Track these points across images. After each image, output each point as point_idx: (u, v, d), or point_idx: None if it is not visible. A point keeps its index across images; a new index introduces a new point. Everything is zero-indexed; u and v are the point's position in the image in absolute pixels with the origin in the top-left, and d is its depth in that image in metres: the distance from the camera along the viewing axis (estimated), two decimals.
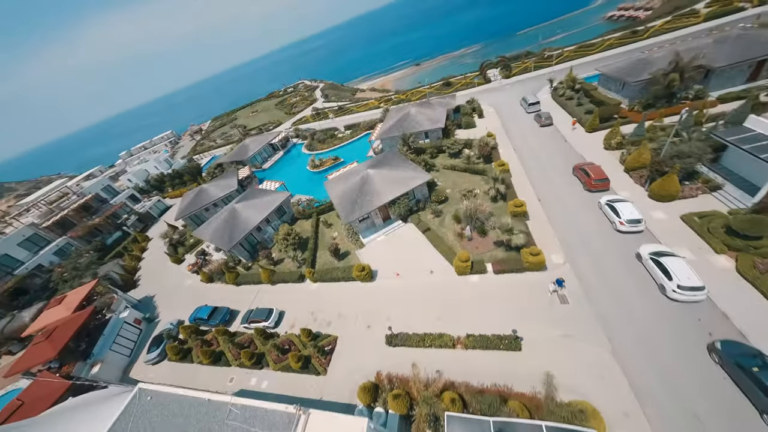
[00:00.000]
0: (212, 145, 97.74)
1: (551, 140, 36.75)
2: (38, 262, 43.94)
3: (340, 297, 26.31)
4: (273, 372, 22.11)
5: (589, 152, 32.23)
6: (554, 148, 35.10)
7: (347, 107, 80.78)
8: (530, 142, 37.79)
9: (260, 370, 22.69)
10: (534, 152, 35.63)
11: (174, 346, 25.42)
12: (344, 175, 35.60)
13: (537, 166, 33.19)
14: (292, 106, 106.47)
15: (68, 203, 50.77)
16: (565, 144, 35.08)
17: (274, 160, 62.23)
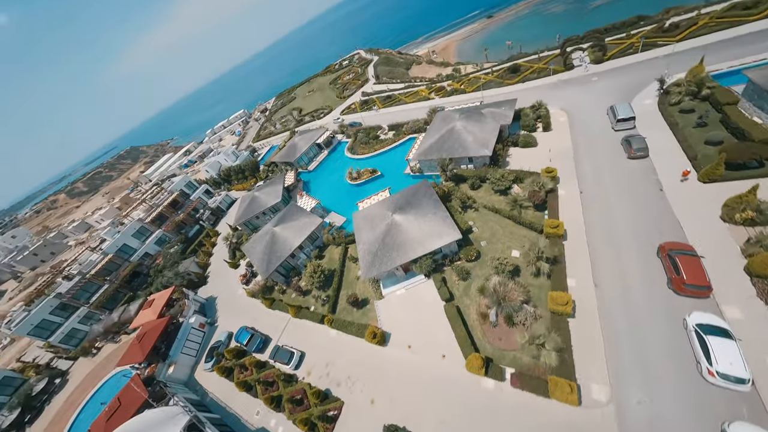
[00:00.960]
0: (272, 131, 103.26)
1: (640, 186, 26.86)
2: (145, 251, 55.85)
3: (353, 353, 26.79)
4: (288, 420, 24.92)
5: (693, 220, 22.50)
6: (640, 202, 25.64)
7: (396, 95, 74.16)
8: (606, 183, 28.65)
9: (279, 413, 25.77)
10: (608, 203, 26.94)
11: (220, 366, 30.54)
12: (371, 214, 33.60)
13: (606, 230, 25.13)
14: (343, 88, 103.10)
15: (162, 199, 61.58)
16: (660, 196, 25.24)
17: (319, 161, 62.88)
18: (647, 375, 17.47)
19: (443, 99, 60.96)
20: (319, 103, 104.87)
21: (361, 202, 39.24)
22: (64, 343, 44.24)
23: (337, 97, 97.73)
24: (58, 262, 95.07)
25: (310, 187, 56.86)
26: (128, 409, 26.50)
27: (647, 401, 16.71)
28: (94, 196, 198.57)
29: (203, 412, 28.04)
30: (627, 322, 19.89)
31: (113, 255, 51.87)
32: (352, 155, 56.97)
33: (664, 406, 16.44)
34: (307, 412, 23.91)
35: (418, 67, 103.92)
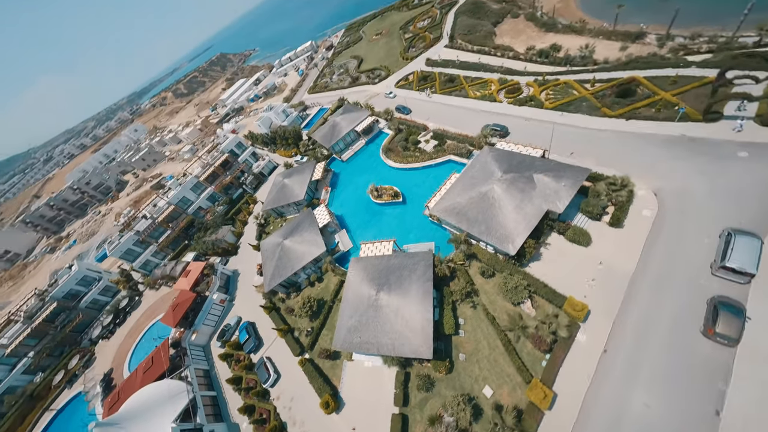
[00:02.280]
0: (328, 84, 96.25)
1: (692, 388, 19.09)
2: (199, 205, 64.20)
3: (309, 404, 29.38)
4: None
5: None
6: (681, 412, 18.59)
7: (459, 79, 59.82)
8: (648, 356, 20.81)
9: (247, 421, 31.55)
10: (630, 389, 20.11)
11: (222, 355, 37.29)
12: (362, 276, 31.77)
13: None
14: (410, 43, 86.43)
15: (215, 158, 66.68)
16: (712, 421, 17.83)
17: (355, 150, 58.52)
18: None
19: (511, 108, 47.36)
20: (380, 58, 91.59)
21: (364, 243, 37.07)
22: (143, 269, 57.75)
23: (400, 56, 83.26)
24: (156, 174, 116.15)
25: (337, 183, 54.99)
26: (155, 370, 35.29)
27: None
28: (188, 106, 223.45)
29: (206, 385, 35.95)
30: None
31: (175, 206, 61.06)
32: (385, 158, 51.33)
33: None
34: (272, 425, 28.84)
35: (510, 24, 79.60)
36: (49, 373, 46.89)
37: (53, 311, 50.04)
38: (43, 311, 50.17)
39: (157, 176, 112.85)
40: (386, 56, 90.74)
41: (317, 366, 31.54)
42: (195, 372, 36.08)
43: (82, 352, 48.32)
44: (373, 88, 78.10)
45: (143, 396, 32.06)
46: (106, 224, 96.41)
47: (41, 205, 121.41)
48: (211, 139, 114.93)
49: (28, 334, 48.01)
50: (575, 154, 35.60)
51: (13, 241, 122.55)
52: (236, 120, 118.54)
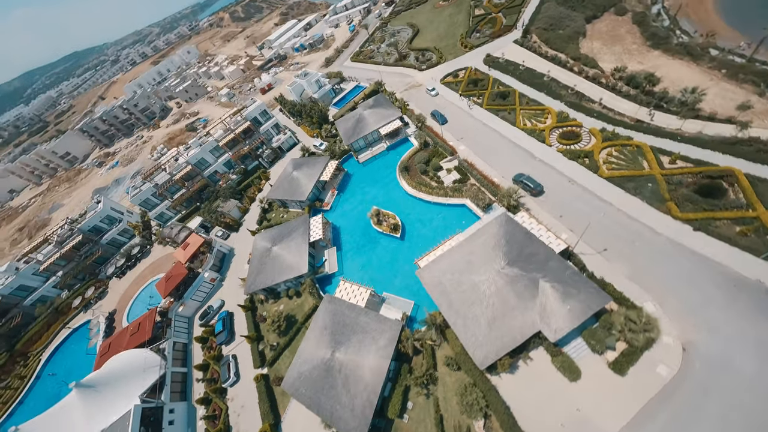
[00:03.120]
0: (373, 53, 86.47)
1: None
2: (216, 169, 64.99)
3: (257, 415, 31.69)
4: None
5: None
6: None
7: (510, 101, 49.92)
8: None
9: (203, 420, 34.50)
10: None
11: (198, 337, 40.27)
12: (328, 320, 30.83)
13: None
14: (476, 26, 72.76)
15: (238, 124, 65.17)
16: None
17: (373, 154, 53.76)
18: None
19: (559, 158, 39.06)
20: (437, 36, 79.30)
21: (344, 281, 35.48)
22: (158, 220, 61.90)
23: (460, 41, 70.94)
24: (194, 112, 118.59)
25: (346, 187, 51.96)
26: (139, 337, 39.21)
27: None
28: (239, 36, 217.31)
29: (181, 360, 39.68)
30: None
31: (193, 166, 62.32)
32: (399, 176, 46.66)
33: None
34: (218, 428, 31.87)
35: (609, 23, 63.28)
36: (71, 294, 54.66)
37: (79, 242, 56.36)
38: (71, 239, 56.70)
39: (194, 114, 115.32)
40: (445, 35, 77.99)
41: (270, 388, 32.95)
42: (173, 345, 39.80)
43: (98, 283, 55.14)
44: (417, 75, 68.87)
45: (123, 361, 36.15)
46: (143, 154, 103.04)
47: (95, 118, 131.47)
48: (248, 87, 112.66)
49: (58, 256, 55.08)
50: (608, 251, 29.43)
51: (74, 145, 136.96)
52: (276, 71, 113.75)
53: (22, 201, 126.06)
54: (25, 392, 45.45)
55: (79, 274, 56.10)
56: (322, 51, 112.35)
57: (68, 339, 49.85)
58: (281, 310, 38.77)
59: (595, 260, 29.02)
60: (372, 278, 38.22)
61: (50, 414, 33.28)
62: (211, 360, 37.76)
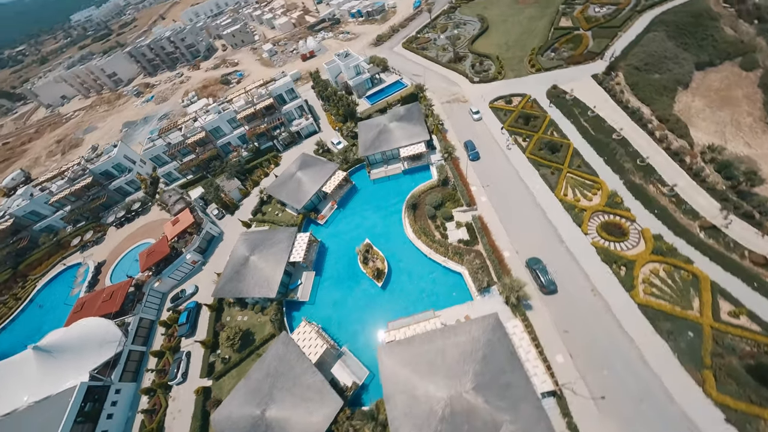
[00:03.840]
0: (426, 45, 77.39)
1: None
2: (229, 140, 63.42)
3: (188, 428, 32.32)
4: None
5: None
6: None
7: (559, 157, 42.13)
8: None
9: (141, 413, 35.38)
10: None
11: (162, 321, 41.08)
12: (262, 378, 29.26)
13: None
14: (552, 43, 61.78)
15: (259, 100, 62.08)
16: None
17: (388, 173, 49.08)
18: None
19: (590, 252, 32.65)
20: (505, 41, 68.75)
21: (305, 323, 33.39)
22: (165, 179, 62.68)
23: (529, 57, 60.76)
24: (234, 62, 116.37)
25: (347, 203, 48.42)
26: (109, 306, 40.53)
27: None
28: None
29: (143, 338, 40.97)
30: None
31: (207, 132, 61.15)
32: (404, 213, 42.22)
33: None
34: (151, 426, 32.94)
35: (726, 77, 51.14)
36: (74, 231, 58.07)
37: (88, 183, 58.65)
38: (83, 179, 59.10)
39: (233, 64, 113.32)
40: (514, 43, 67.28)
41: (205, 407, 32.92)
42: (139, 322, 41.05)
43: (98, 228, 57.90)
44: (465, 87, 60.77)
45: (85, 328, 37.73)
46: (176, 95, 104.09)
47: (144, 44, 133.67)
48: (292, 48, 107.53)
49: (68, 192, 57.91)
50: (606, 401, 24.57)
51: (122, 67, 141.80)
52: (324, 36, 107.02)
53: (69, 110, 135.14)
54: (16, 313, 50.14)
55: (83, 214, 59.06)
56: (378, 24, 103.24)
57: (60, 275, 53.59)
58: (242, 323, 38.12)
59: (584, 407, 24.43)
60: (340, 321, 36.00)
61: (3, 365, 35.74)
62: (168, 350, 38.53)
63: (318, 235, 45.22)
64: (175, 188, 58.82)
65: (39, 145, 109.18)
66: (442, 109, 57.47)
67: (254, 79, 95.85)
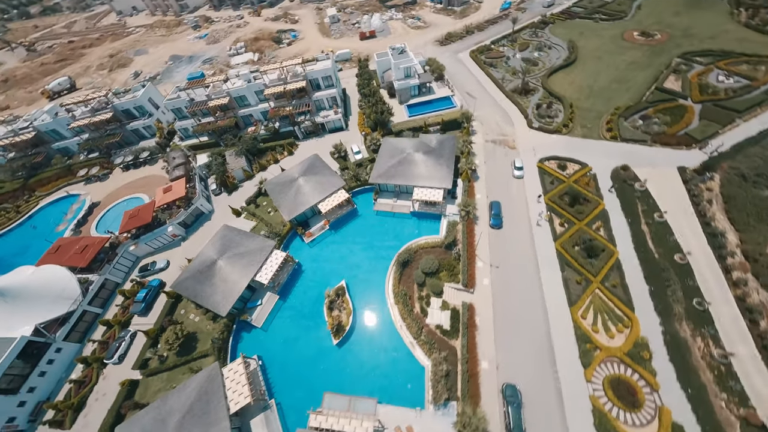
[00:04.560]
0: (495, 61, 67.54)
1: None
2: (251, 113, 60.22)
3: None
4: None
5: None
6: None
7: (595, 267, 34.51)
8: None
9: (70, 383, 35.55)
10: None
11: (122, 291, 40.91)
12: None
13: None
14: (646, 107, 50.81)
15: (293, 79, 57.66)
16: None
17: (393, 208, 44.10)
18: None
19: (578, 421, 26.69)
20: (584, 86, 58.07)
21: (242, 358, 30.98)
22: (182, 134, 61.68)
23: (607, 121, 50.63)
24: (293, 18, 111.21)
25: (341, 228, 44.26)
26: (77, 259, 40.71)
27: None
28: None
29: (103, 299, 41.20)
30: None
31: (232, 98, 58.54)
32: (392, 269, 37.56)
33: None
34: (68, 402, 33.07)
35: None
36: (84, 161, 59.53)
37: (108, 118, 59.05)
38: (104, 112, 59.57)
39: (293, 20, 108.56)
40: (600, 91, 56.44)
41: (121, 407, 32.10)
42: (102, 283, 41.27)
43: (105, 164, 58.93)
44: (519, 131, 52.43)
45: (49, 276, 38.37)
46: (227, 40, 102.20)
47: None
48: (355, 20, 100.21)
49: (88, 122, 58.78)
50: None
51: None
52: (392, 15, 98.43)
53: (133, 24, 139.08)
54: (13, 226, 53.05)
55: (97, 147, 60.06)
56: (454, 18, 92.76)
57: (60, 201, 55.61)
58: (191, 324, 36.98)
59: None
60: (283, 364, 33.37)
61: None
62: (117, 324, 38.45)
63: (299, 253, 42.28)
64: (185, 149, 57.76)
65: (95, 54, 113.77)
66: (482, 148, 50.25)
67: (307, 44, 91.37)
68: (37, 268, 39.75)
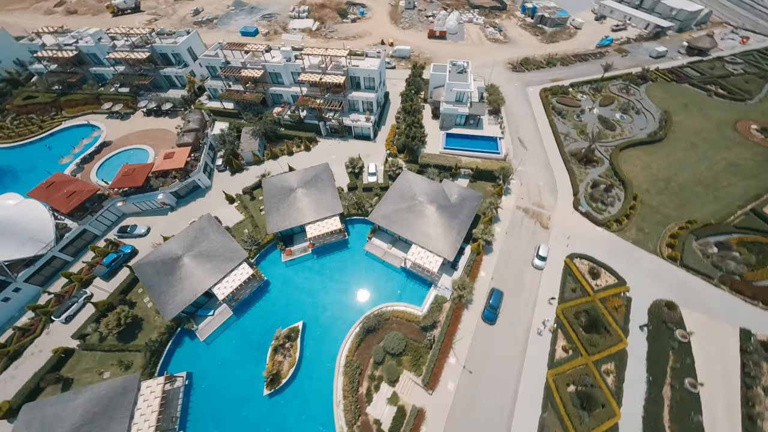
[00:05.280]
0: (572, 106, 57.44)
1: None
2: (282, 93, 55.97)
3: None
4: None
5: None
6: None
7: (587, 422, 27.95)
8: None
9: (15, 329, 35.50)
10: None
11: (94, 248, 40.18)
12: None
13: None
14: (732, 232, 40.79)
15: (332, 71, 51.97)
16: None
17: (384, 256, 39.12)
18: None
19: None
20: (662, 176, 48.62)
21: (165, 377, 28.82)
22: (212, 94, 58.80)
23: (672, 234, 41.28)
24: None
25: (323, 256, 40.30)
26: (63, 203, 39.93)
27: None
28: None
29: (76, 249, 40.85)
30: None
31: (266, 72, 54.45)
32: (355, 329, 33.33)
33: None
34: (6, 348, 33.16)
35: None
36: (112, 94, 58.98)
37: (144, 58, 57.41)
38: (142, 50, 57.99)
39: None
40: (679, 187, 46.04)
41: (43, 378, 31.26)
42: (81, 233, 40.82)
43: (130, 103, 58.09)
44: (561, 209, 44.25)
45: (28, 212, 38.50)
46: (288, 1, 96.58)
47: None
48: (431, 13, 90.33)
49: (125, 56, 57.51)
50: None
51: None
52: (472, 17, 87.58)
53: None
54: (32, 140, 54.17)
55: (128, 84, 58.98)
56: (541, 39, 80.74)
57: (78, 128, 55.90)
58: (142, 310, 35.65)
59: None
60: (208, 393, 31.05)
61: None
62: (78, 281, 37.97)
63: (271, 269, 39.23)
64: (206, 113, 55.33)
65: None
66: (510, 215, 43.19)
67: (371, 26, 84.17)
68: (22, 200, 39.82)
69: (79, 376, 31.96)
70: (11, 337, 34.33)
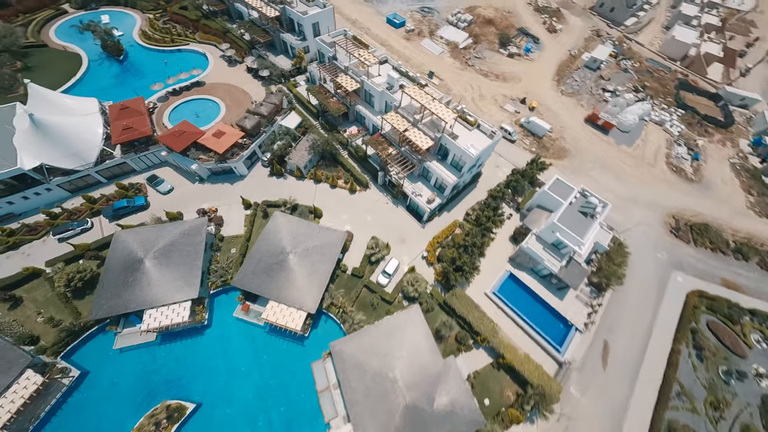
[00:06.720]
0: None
1: None
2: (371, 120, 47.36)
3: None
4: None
5: None
6: None
7: None
8: None
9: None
10: None
11: (119, 184, 41.22)
12: None
13: None
14: None
15: (423, 128, 40.26)
16: None
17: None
18: None
19: None
20: None
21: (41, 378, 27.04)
22: (310, 78, 53.73)
23: None
24: None
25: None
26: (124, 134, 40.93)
27: None
28: None
29: (113, 176, 42.74)
30: None
31: (362, 88, 46.07)
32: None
33: None
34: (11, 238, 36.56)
35: None
36: (235, 35, 58.65)
37: (272, 17, 53.96)
38: (274, 7, 54.67)
39: (552, 24, 78.79)
40: None
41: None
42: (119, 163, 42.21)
43: (237, 54, 56.87)
44: None
45: (89, 127, 41.19)
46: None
47: None
48: (609, 92, 66.17)
49: (259, 7, 54.94)
50: None
51: None
52: (670, 120, 61.29)
53: None
54: (161, 49, 58.11)
55: (250, 34, 57.23)
56: (757, 205, 52.12)
57: (192, 55, 57.76)
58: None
59: None
60: (83, 406, 29.18)
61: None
62: (89, 209, 39.57)
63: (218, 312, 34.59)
64: (291, 99, 51.16)
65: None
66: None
67: (523, 72, 66.33)
68: (91, 114, 42.11)
69: (26, 303, 33.30)
70: (20, 227, 37.76)
